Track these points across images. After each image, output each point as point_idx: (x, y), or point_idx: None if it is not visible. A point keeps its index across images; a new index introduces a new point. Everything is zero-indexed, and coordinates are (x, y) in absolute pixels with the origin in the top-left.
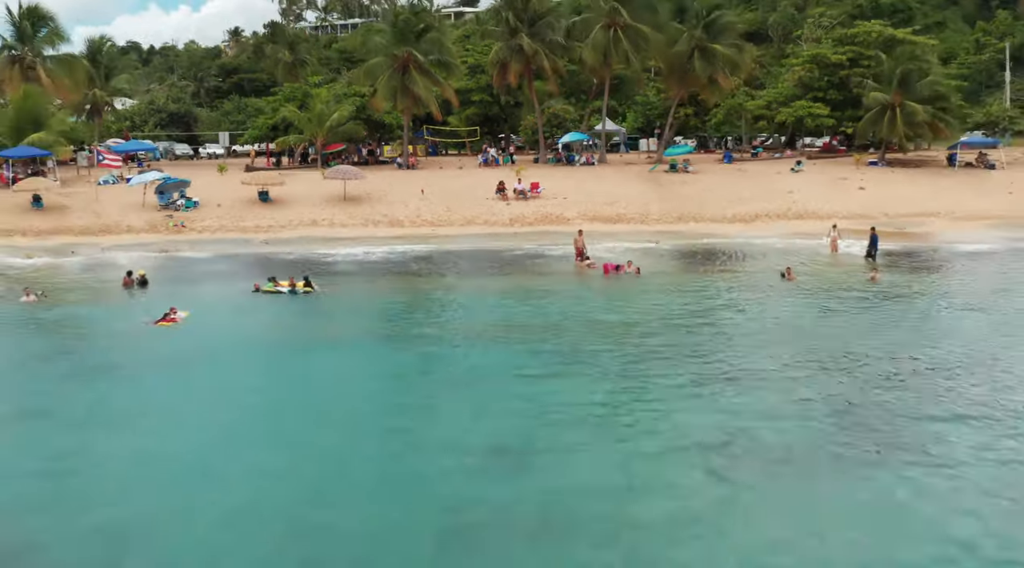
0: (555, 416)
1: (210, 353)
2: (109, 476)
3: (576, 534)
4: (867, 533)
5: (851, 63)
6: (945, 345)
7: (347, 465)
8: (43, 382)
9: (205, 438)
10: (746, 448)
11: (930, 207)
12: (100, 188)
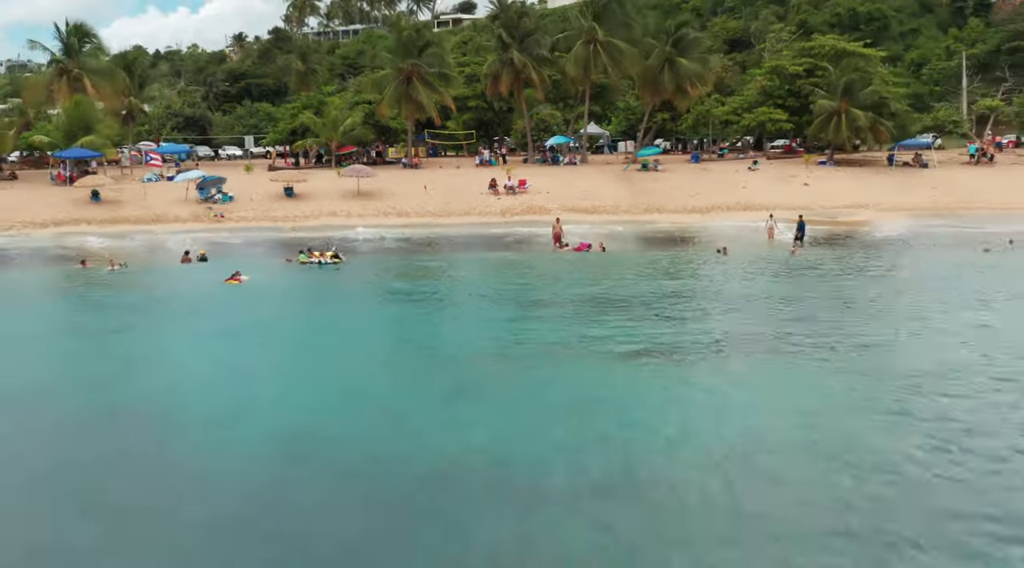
0: (531, 334)
1: (275, 299)
2: (250, 366)
3: (541, 394)
4: (753, 389)
5: (807, 73)
6: (828, 293)
7: (376, 356)
8: (165, 320)
9: (292, 344)
10: (664, 350)
11: (862, 200)
12: (145, 185)
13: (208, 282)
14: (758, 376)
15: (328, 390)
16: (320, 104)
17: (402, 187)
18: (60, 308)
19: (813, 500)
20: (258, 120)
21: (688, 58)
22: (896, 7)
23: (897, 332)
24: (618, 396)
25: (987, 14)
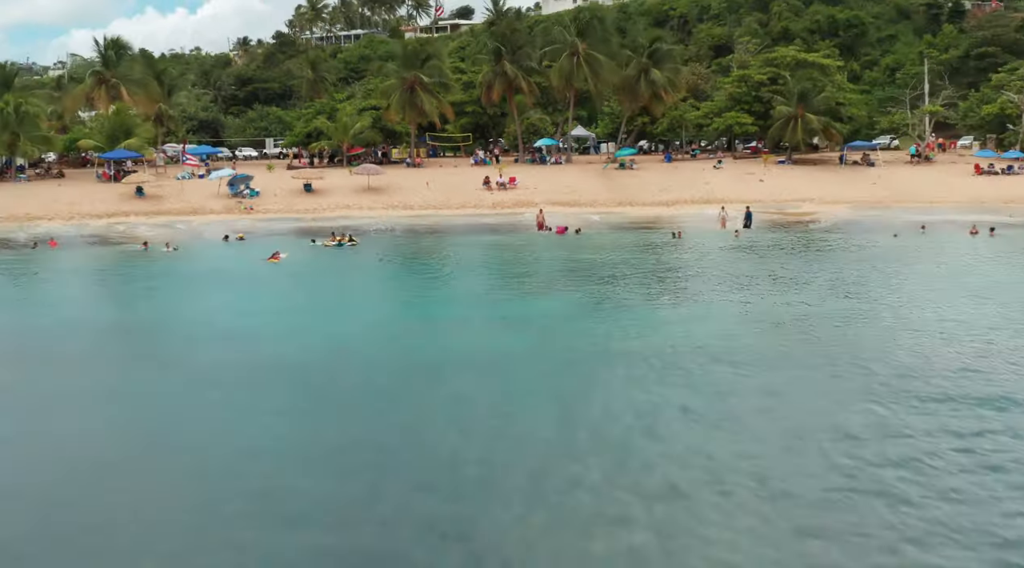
0: (511, 285)
1: (311, 270)
2: (305, 309)
3: (512, 319)
4: (671, 318)
5: (770, 81)
6: (751, 263)
7: (394, 309)
8: (233, 290)
9: (331, 302)
10: (612, 296)
11: (809, 194)
12: (180, 182)
13: (252, 259)
14: (676, 311)
15: (358, 320)
16: (332, 110)
17: (407, 183)
18: (168, 276)
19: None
20: (268, 123)
21: (662, 69)
22: (875, 14)
23: (785, 284)
24: (571, 319)
25: (961, 20)
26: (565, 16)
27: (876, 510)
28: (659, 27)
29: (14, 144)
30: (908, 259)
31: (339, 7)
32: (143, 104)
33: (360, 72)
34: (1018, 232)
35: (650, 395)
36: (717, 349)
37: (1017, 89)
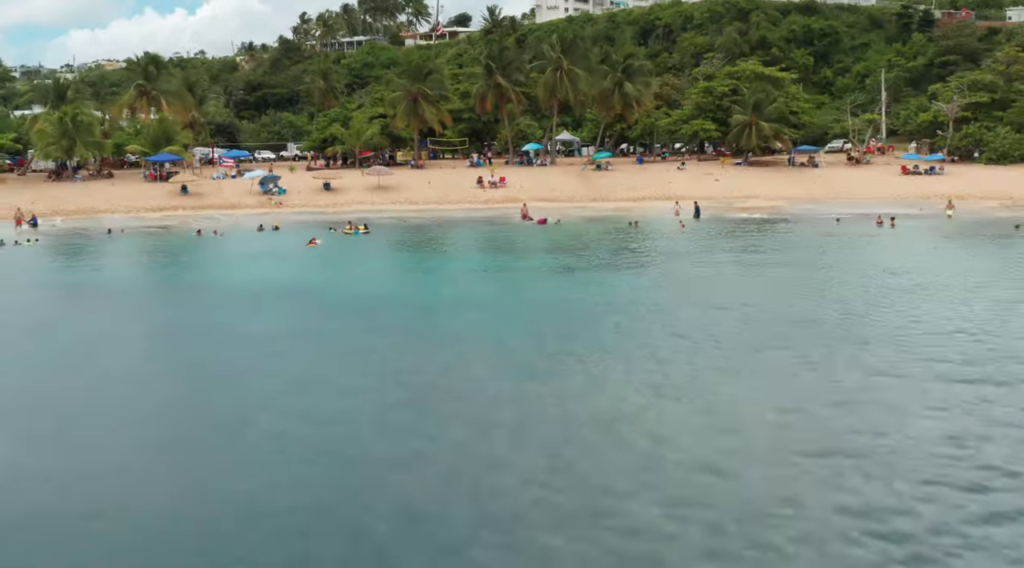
0: (500, 260)
1: (343, 252)
2: (342, 275)
3: (501, 284)
4: (620, 282)
5: (732, 92)
6: (689, 244)
7: (406, 270)
8: (288, 263)
9: (366, 269)
10: (577, 266)
11: (756, 191)
12: (217, 181)
13: (291, 244)
14: (623, 278)
15: (384, 283)
16: (346, 118)
17: (411, 182)
18: (230, 254)
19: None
20: (281, 127)
21: (634, 82)
22: (849, 23)
23: (701, 256)
24: (540, 277)
25: (931, 29)
26: (557, 25)
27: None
28: (645, 35)
29: (72, 149)
30: (804, 239)
31: (342, 14)
32: (179, 113)
33: (364, 78)
34: (918, 223)
35: (579, 314)
36: (637, 297)
37: (947, 99)
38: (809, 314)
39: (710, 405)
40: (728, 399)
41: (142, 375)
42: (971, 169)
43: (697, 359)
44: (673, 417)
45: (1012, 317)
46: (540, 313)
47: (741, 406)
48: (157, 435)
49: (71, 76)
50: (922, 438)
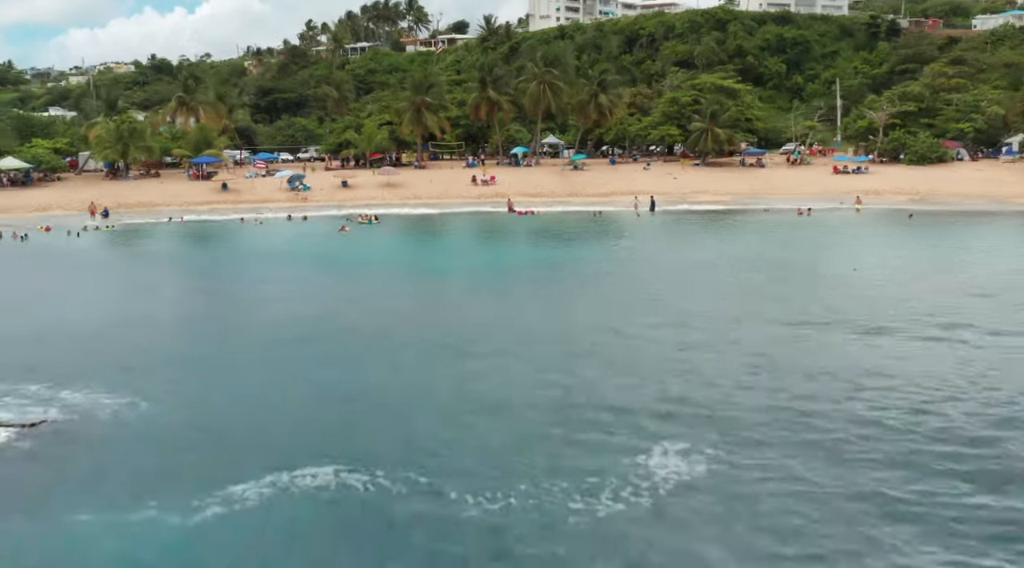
0: (490, 240)
1: (366, 237)
2: (369, 251)
3: (491, 253)
4: (584, 252)
5: (694, 102)
6: (640, 229)
7: (426, 249)
8: (331, 242)
9: (389, 248)
10: (551, 243)
11: (706, 188)
12: (250, 180)
13: (324, 230)
14: (577, 249)
15: (410, 254)
16: (358, 125)
17: (415, 180)
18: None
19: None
20: (294, 131)
21: (607, 94)
22: (821, 32)
23: (643, 238)
24: (518, 249)
25: (897, 38)
26: (549, 33)
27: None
28: (630, 44)
29: (125, 151)
30: (731, 224)
31: (346, 20)
32: (213, 120)
33: (368, 83)
34: (831, 214)
35: (543, 267)
36: (587, 262)
37: (878, 109)
38: (704, 261)
39: (612, 293)
40: (627, 294)
41: (262, 298)
42: (894, 169)
43: (615, 282)
44: (600, 299)
45: (807, 256)
46: (517, 268)
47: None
48: (289, 329)
49: (82, 78)
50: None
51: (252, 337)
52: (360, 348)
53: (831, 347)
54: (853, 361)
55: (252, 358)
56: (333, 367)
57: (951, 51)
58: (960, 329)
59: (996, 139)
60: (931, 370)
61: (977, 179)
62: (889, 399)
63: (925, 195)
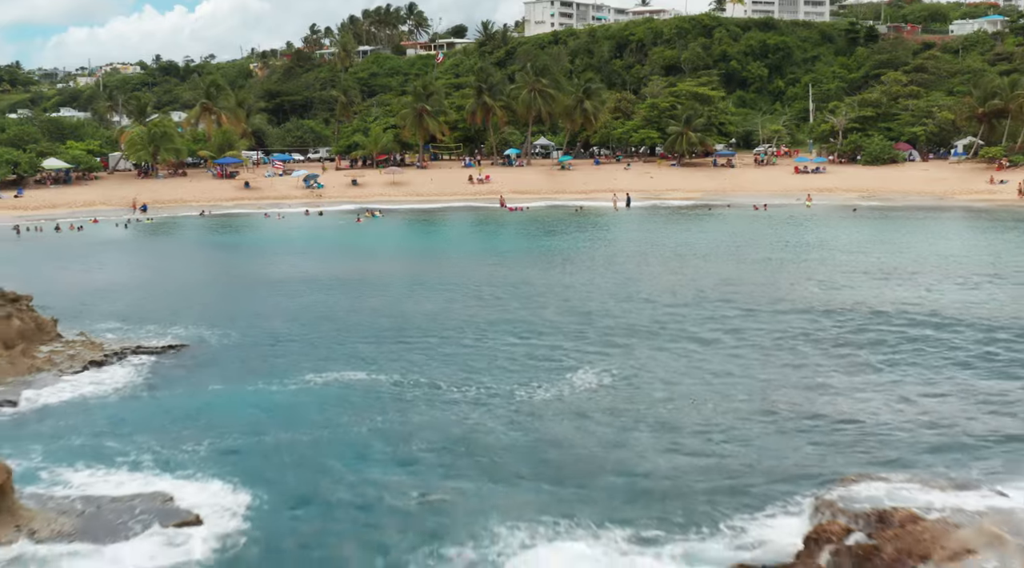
0: (484, 229)
1: (377, 227)
2: (385, 239)
3: (489, 239)
4: (564, 239)
5: (672, 107)
6: (615, 221)
7: (431, 236)
8: (356, 231)
9: (399, 235)
10: (538, 231)
11: (679, 186)
12: (269, 178)
13: (340, 223)
14: (558, 238)
15: (405, 240)
16: (365, 129)
17: (417, 179)
18: (302, 229)
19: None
20: (303, 133)
21: (592, 100)
22: (803, 37)
23: (619, 229)
24: (508, 236)
25: (875, 43)
26: (543, 38)
27: None
28: (620, 49)
29: (156, 153)
30: (696, 218)
31: (348, 25)
32: (234, 124)
33: (371, 86)
34: (786, 209)
35: (529, 251)
36: (560, 246)
37: (839, 114)
38: (657, 244)
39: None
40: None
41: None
42: (850, 169)
43: (581, 259)
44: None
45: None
46: (505, 252)
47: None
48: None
49: (90, 79)
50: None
51: (305, 290)
52: (386, 292)
53: (710, 292)
54: (720, 296)
55: (307, 302)
56: (359, 302)
57: (916, 59)
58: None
59: (947, 142)
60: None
61: (922, 178)
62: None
63: (873, 192)
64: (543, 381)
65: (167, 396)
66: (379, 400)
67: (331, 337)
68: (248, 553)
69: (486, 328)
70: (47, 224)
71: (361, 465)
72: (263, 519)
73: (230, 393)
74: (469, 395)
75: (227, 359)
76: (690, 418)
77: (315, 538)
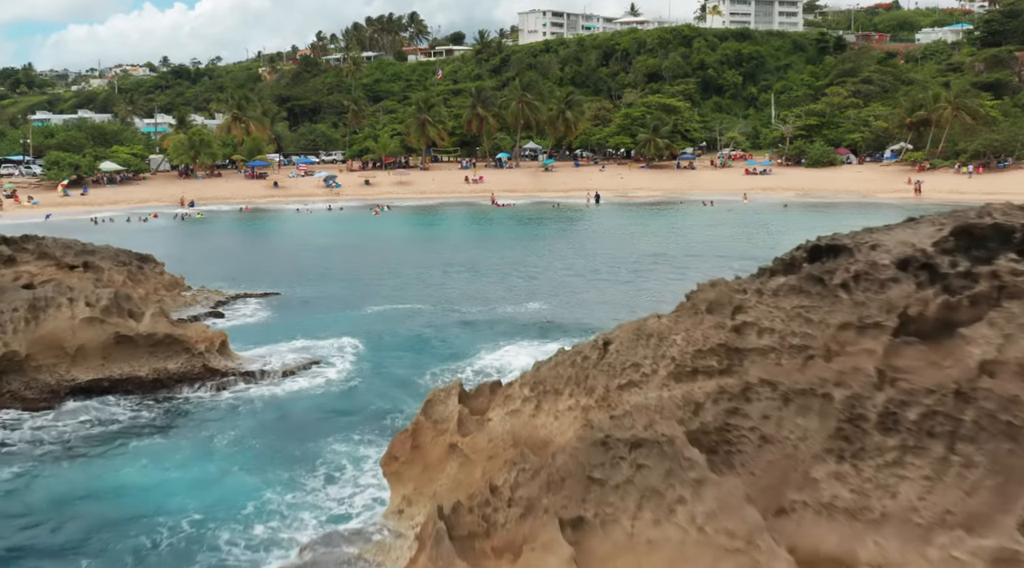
0: (478, 222)
1: (391, 219)
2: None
3: (482, 229)
4: (540, 229)
5: (642, 116)
6: (586, 216)
7: (432, 225)
8: (372, 221)
9: (407, 224)
10: (523, 223)
11: (644, 185)
12: (294, 179)
13: (358, 216)
14: (536, 228)
15: (413, 229)
16: (375, 135)
17: (420, 180)
18: (335, 220)
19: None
20: (316, 136)
21: (572, 111)
22: (776, 46)
23: (586, 220)
24: (497, 226)
25: (843, 52)
26: (535, 47)
27: None
28: (607, 57)
29: (196, 157)
30: (653, 212)
31: (352, 31)
32: (262, 132)
33: (375, 92)
34: (728, 205)
35: (515, 236)
36: (547, 235)
37: (790, 122)
38: (613, 229)
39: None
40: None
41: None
42: (794, 171)
43: (550, 241)
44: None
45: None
46: (496, 237)
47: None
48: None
49: (102, 81)
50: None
51: (344, 260)
52: (402, 260)
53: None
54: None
55: (348, 267)
56: (384, 268)
57: (871, 70)
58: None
59: (883, 146)
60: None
61: (854, 178)
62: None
63: (808, 191)
64: (512, 297)
65: (285, 314)
66: (418, 313)
67: (370, 287)
68: (359, 376)
69: (474, 279)
70: (119, 216)
71: (410, 334)
72: (366, 361)
73: (321, 314)
74: (468, 306)
75: (310, 298)
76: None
77: (394, 364)
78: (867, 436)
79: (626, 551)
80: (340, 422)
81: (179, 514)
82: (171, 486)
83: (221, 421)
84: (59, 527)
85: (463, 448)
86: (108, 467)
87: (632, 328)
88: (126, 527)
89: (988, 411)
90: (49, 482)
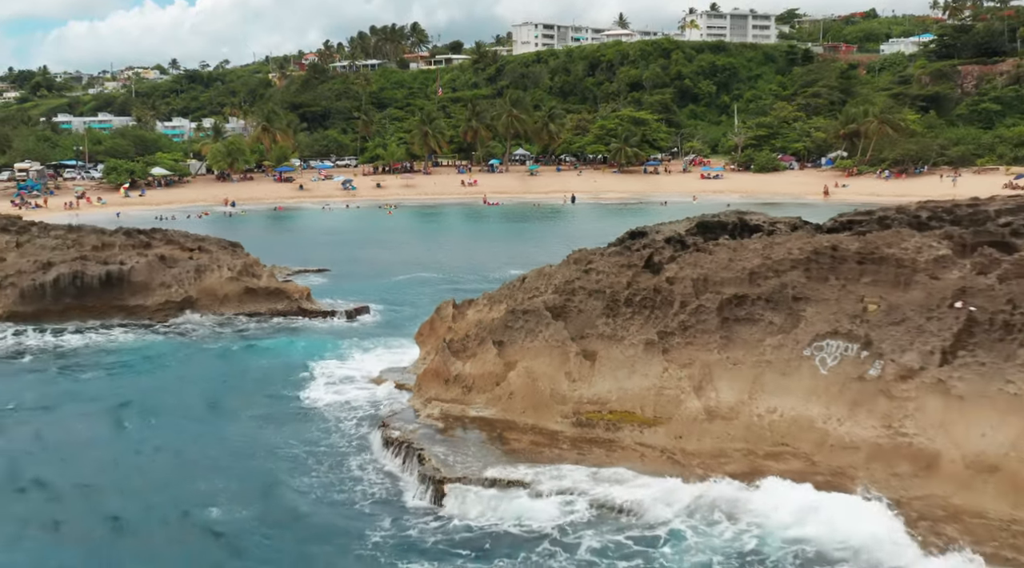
0: (471, 219)
1: (398, 215)
2: (403, 222)
3: (476, 225)
4: (522, 225)
5: (615, 127)
6: (560, 213)
7: (423, 220)
8: (385, 217)
9: (413, 219)
10: (511, 218)
11: (613, 188)
12: (316, 182)
13: (379, 212)
14: (519, 223)
15: (419, 223)
16: (384, 144)
17: (423, 183)
18: (347, 215)
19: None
20: (327, 142)
21: (554, 122)
22: (749, 58)
23: (564, 218)
24: (488, 221)
25: (810, 63)
26: (528, 58)
27: None
28: (593, 68)
29: (233, 163)
30: (616, 209)
31: (357, 40)
32: (287, 141)
33: (380, 99)
34: (679, 204)
35: (504, 228)
36: (526, 227)
37: (742, 132)
38: (579, 223)
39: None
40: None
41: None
42: (743, 176)
43: (526, 233)
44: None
45: None
46: (485, 229)
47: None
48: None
49: (116, 84)
50: None
51: (373, 245)
52: (415, 243)
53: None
54: None
55: (376, 250)
56: (401, 248)
57: (821, 83)
58: None
59: (823, 154)
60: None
61: (792, 182)
62: None
63: (752, 192)
64: (497, 267)
65: (336, 281)
66: (429, 280)
67: (392, 264)
68: (393, 313)
69: (468, 257)
70: (178, 213)
71: (424, 290)
72: (396, 305)
73: (361, 281)
74: (464, 275)
75: (351, 272)
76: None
77: (413, 307)
78: (619, 307)
79: (520, 351)
80: (385, 331)
81: (304, 356)
82: (296, 348)
83: (313, 331)
84: (247, 371)
85: (453, 327)
86: (260, 340)
87: (537, 270)
88: (281, 366)
89: (668, 298)
90: (232, 348)
